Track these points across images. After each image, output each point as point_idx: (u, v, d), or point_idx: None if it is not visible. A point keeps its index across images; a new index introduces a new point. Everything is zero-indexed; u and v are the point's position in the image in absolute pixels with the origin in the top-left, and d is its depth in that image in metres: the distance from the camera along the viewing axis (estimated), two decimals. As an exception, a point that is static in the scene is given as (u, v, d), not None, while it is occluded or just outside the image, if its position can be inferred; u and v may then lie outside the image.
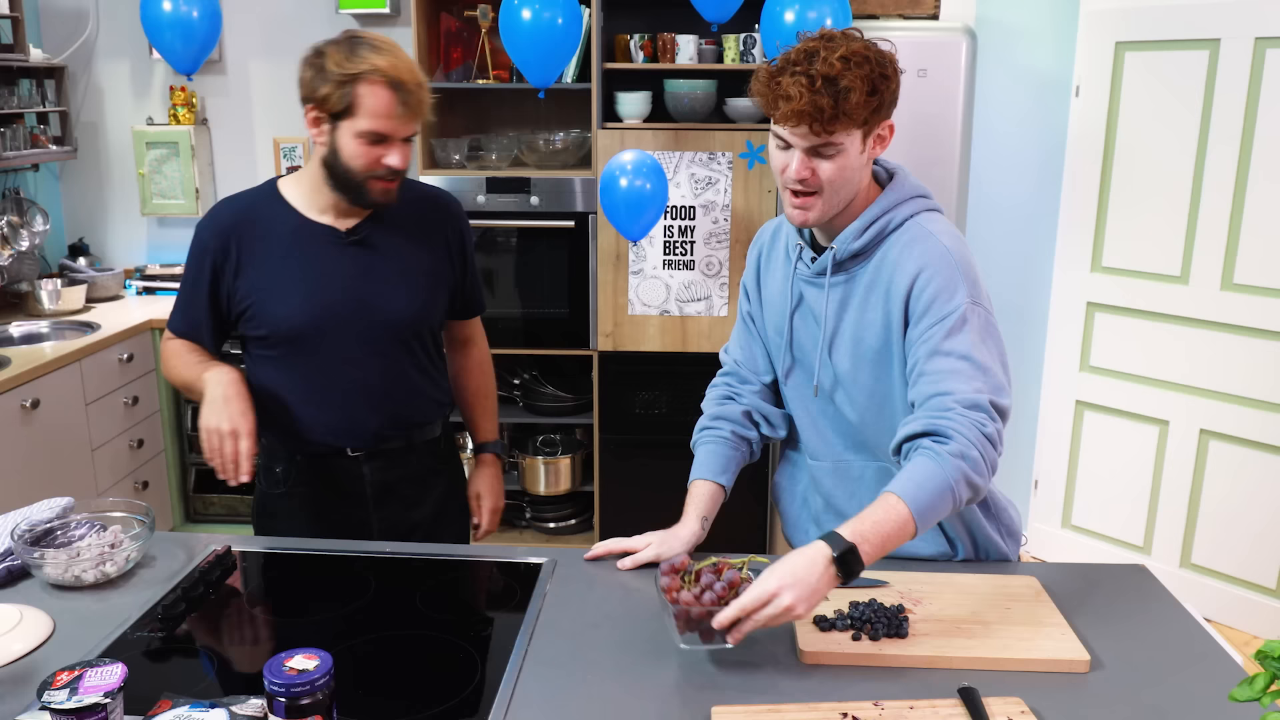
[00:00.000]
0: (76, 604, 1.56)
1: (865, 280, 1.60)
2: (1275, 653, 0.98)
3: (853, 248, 1.59)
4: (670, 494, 2.78)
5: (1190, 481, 3.45)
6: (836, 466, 1.74)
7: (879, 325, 1.59)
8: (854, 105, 1.46)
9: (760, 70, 1.52)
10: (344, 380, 1.89)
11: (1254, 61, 3.12)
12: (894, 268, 1.57)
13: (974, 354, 1.49)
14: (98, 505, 1.76)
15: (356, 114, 1.72)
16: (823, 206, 1.55)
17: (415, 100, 1.74)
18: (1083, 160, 3.60)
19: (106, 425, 3.43)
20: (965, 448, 1.42)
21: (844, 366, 1.64)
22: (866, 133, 1.52)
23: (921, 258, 1.54)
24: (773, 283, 1.76)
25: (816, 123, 1.46)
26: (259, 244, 1.85)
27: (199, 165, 4.01)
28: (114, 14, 4.01)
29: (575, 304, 3.61)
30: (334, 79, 1.70)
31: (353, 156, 1.75)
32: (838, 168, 1.51)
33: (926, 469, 1.42)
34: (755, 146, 3.43)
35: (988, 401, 1.46)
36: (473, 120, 3.90)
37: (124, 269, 4.12)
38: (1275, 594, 3.30)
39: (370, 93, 1.70)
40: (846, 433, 1.71)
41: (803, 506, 1.86)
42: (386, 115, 1.72)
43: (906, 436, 1.48)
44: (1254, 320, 3.23)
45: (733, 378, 1.85)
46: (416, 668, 1.43)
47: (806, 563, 1.36)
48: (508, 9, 2.85)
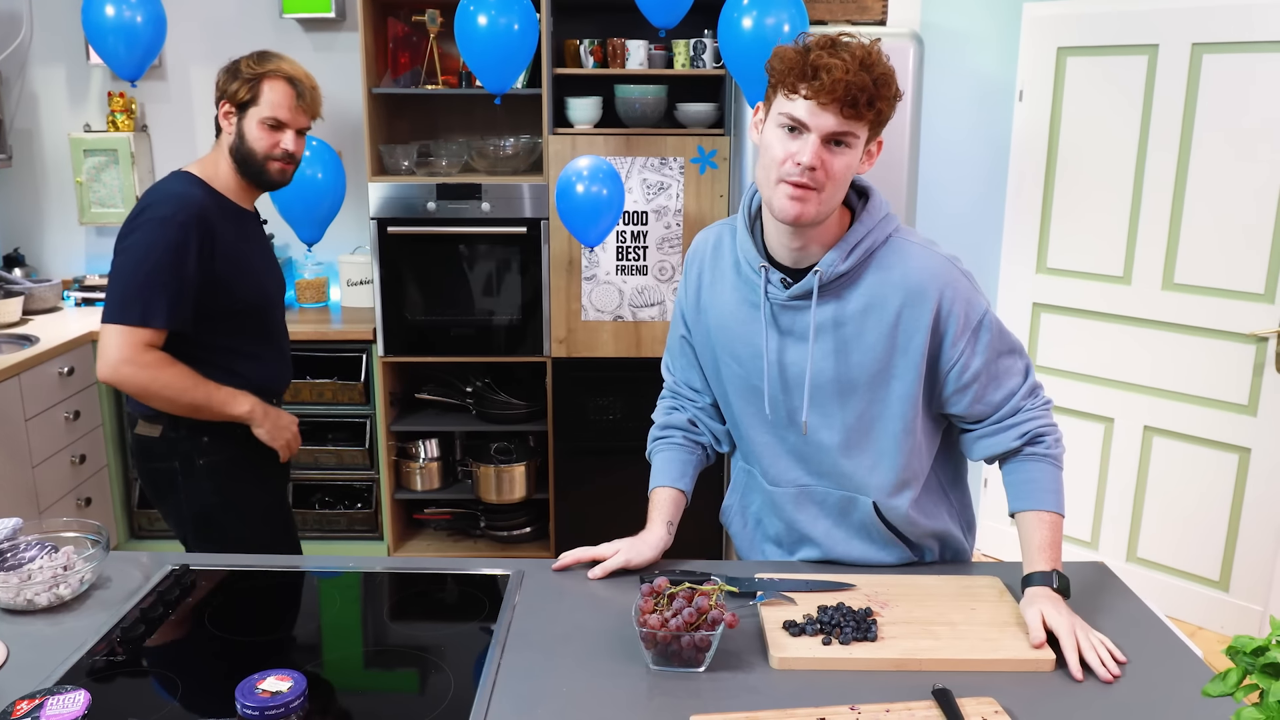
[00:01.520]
0: (29, 628, 1.51)
1: (858, 302, 1.56)
2: (1246, 648, 1.00)
3: (840, 269, 1.54)
4: (626, 500, 2.77)
5: (1135, 477, 3.53)
6: (801, 492, 1.71)
7: (880, 348, 1.57)
8: (887, 97, 1.44)
9: (782, 51, 1.46)
10: (281, 337, 2.36)
11: (1191, 66, 3.20)
12: (901, 288, 1.55)
13: (1011, 344, 1.65)
14: (49, 525, 1.70)
15: (260, 104, 2.14)
16: (819, 205, 1.47)
17: (309, 97, 2.18)
18: (1027, 163, 3.67)
19: (47, 441, 3.33)
20: (1052, 431, 1.65)
21: (830, 392, 1.60)
22: (869, 139, 1.49)
23: (935, 278, 1.55)
24: (721, 304, 1.67)
25: (850, 105, 1.41)
26: (219, 225, 2.12)
27: (139, 173, 3.92)
28: (49, 18, 3.90)
29: (528, 310, 3.59)
30: (244, 77, 2.13)
31: (255, 140, 2.15)
32: (845, 165, 1.46)
33: (1048, 472, 1.63)
34: (707, 151, 3.44)
35: (1034, 378, 1.66)
36: (421, 126, 3.86)
37: (62, 280, 4.01)
38: (1218, 586, 3.39)
39: (272, 87, 2.14)
40: (816, 461, 1.67)
41: (756, 528, 1.84)
42: (284, 105, 2.15)
43: (1007, 452, 1.65)
44: (1194, 319, 3.31)
45: (677, 396, 1.86)
46: (387, 684, 1.41)
47: (1059, 604, 1.51)
48: (463, 15, 2.81)
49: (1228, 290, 3.23)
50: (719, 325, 1.68)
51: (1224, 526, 3.35)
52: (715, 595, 1.43)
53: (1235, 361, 3.24)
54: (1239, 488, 3.30)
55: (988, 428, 1.65)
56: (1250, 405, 3.23)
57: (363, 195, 3.66)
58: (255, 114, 2.14)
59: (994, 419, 1.65)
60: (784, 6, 2.66)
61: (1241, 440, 3.26)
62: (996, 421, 1.65)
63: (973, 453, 1.69)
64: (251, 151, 2.16)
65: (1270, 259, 3.13)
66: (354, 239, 4.00)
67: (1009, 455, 1.66)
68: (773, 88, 1.48)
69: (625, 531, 1.73)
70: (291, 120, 2.17)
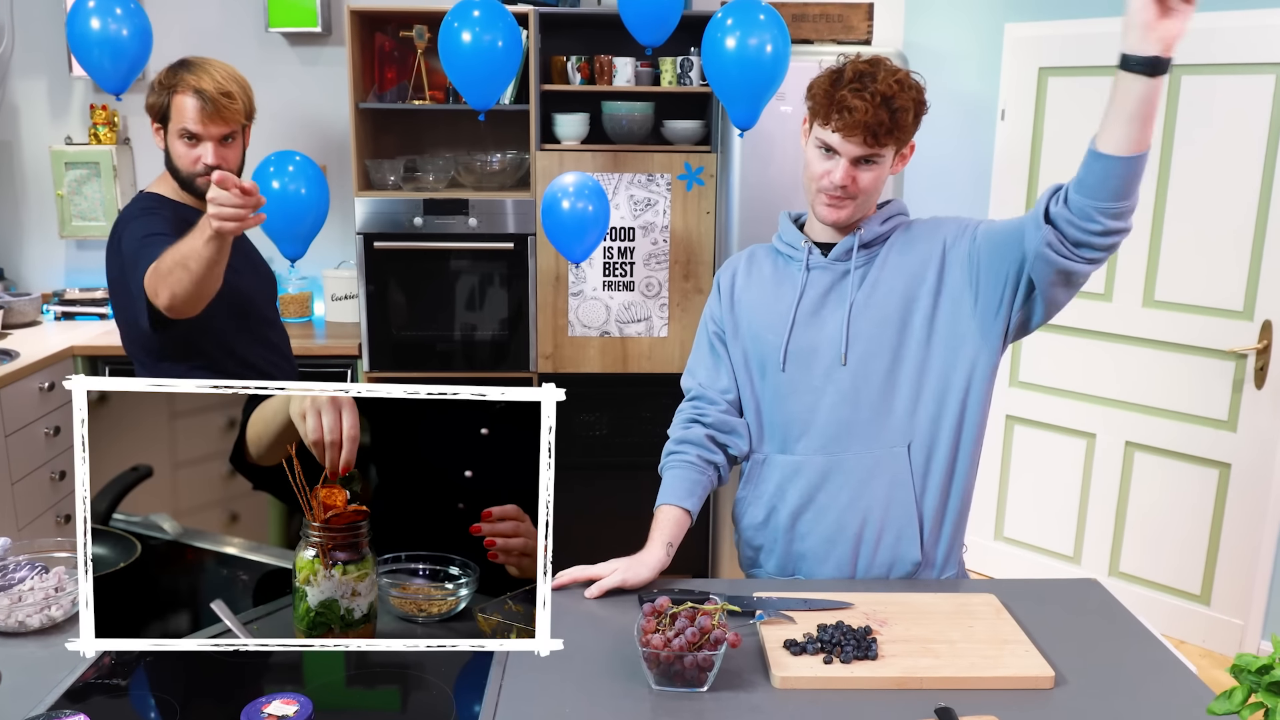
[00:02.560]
0: (21, 651, 1.49)
1: (883, 259, 1.77)
2: (1251, 666, 1.01)
3: (877, 230, 1.77)
4: (613, 516, 2.77)
5: (1117, 492, 3.57)
6: (826, 460, 1.77)
7: (900, 292, 1.74)
8: (905, 125, 1.68)
9: (818, 82, 1.70)
10: (273, 336, 2.39)
11: (1170, 87, 3.25)
12: (909, 236, 1.77)
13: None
14: (39, 545, 1.68)
15: (173, 117, 2.13)
16: (854, 209, 1.73)
17: (218, 106, 2.10)
18: (1009, 181, 3.70)
19: (26, 458, 3.29)
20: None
21: (867, 333, 1.74)
22: (898, 149, 1.71)
23: (939, 225, 1.78)
24: (759, 294, 1.84)
25: (872, 136, 1.65)
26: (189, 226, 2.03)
27: (121, 186, 3.88)
28: (30, 29, 3.87)
29: (514, 326, 3.59)
30: (157, 91, 2.15)
31: (178, 156, 2.15)
32: (874, 177, 1.71)
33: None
34: (694, 168, 3.46)
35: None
36: (408, 141, 3.86)
37: (41, 294, 3.97)
38: (1200, 600, 3.42)
39: (179, 100, 2.12)
40: (849, 417, 1.75)
41: (770, 515, 1.84)
42: (193, 118, 2.11)
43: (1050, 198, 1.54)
44: (1174, 335, 3.35)
45: (699, 400, 1.86)
46: (388, 704, 1.40)
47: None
48: (447, 31, 2.82)
49: (1207, 307, 3.27)
50: (754, 310, 1.83)
51: (1205, 541, 3.38)
52: (717, 615, 1.43)
53: (1215, 377, 3.28)
54: (1219, 502, 3.33)
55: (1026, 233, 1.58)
56: (1230, 421, 3.27)
57: (349, 210, 3.65)
58: (173, 129, 2.14)
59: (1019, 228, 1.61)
60: (766, 28, 2.68)
61: (1222, 455, 3.30)
62: (1020, 229, 1.60)
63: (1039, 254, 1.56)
64: (177, 168, 2.17)
65: (1249, 276, 3.18)
66: (339, 253, 3.98)
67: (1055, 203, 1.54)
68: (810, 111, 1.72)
69: (613, 547, 1.73)
70: (205, 132, 2.12)
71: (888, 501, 1.76)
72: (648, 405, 3.63)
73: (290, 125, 3.92)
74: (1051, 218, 1.53)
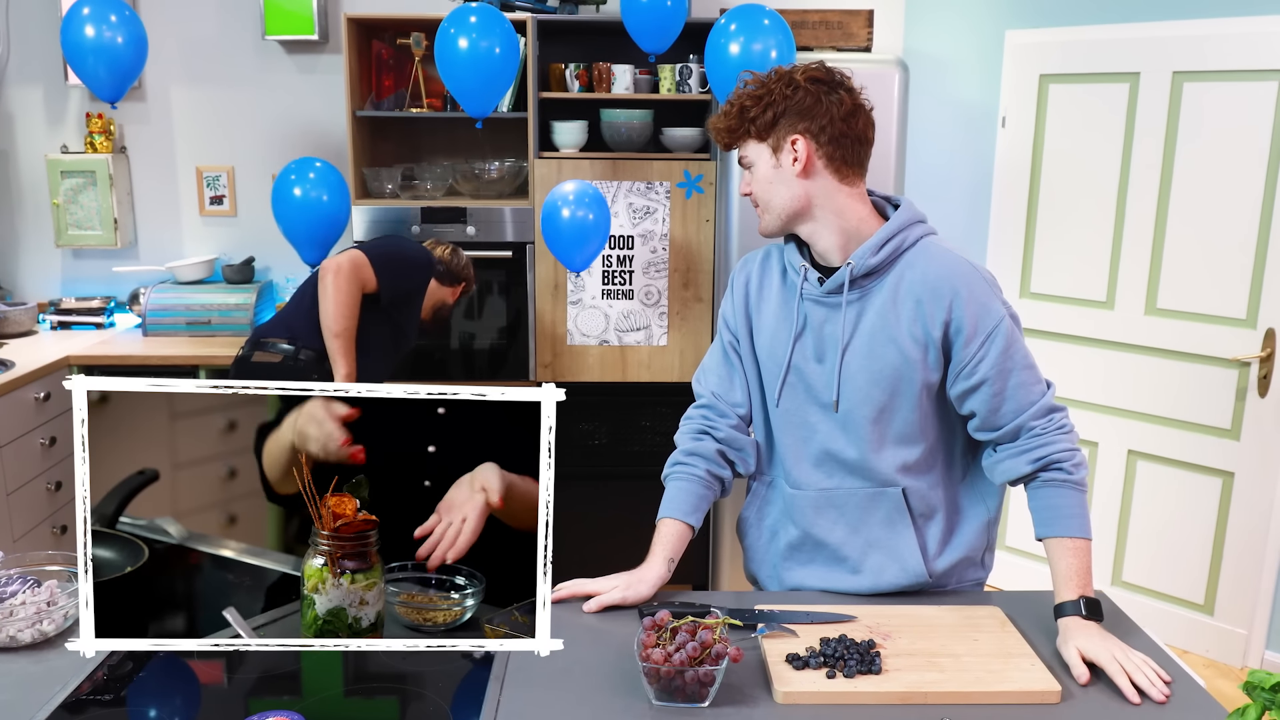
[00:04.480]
0: (12, 666, 1.46)
1: (883, 296, 1.66)
2: (1265, 684, 0.99)
3: (870, 263, 1.64)
4: (613, 525, 2.75)
5: (1120, 501, 3.55)
6: (820, 494, 1.74)
7: (901, 338, 1.64)
8: (755, 116, 1.64)
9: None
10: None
11: (1172, 94, 3.23)
12: (920, 284, 1.64)
13: (1029, 361, 1.67)
14: (31, 559, 1.66)
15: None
16: (765, 217, 1.70)
17: None
18: (1010, 189, 3.69)
19: (22, 468, 3.27)
20: (1070, 455, 1.63)
21: (859, 381, 1.67)
22: (772, 147, 1.65)
23: (952, 278, 1.64)
24: (768, 309, 1.77)
25: (728, 133, 1.68)
26: None
27: (118, 195, 3.87)
28: (25, 37, 3.86)
29: (513, 335, 3.57)
30: None
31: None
32: (759, 178, 1.68)
33: (1068, 497, 1.63)
34: (693, 176, 3.44)
35: (1051, 397, 1.67)
36: (405, 149, 3.84)
37: (37, 303, 3.95)
38: (1203, 609, 3.39)
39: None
40: (842, 454, 1.71)
41: (771, 540, 1.84)
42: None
43: (1025, 475, 1.65)
44: (1177, 344, 3.34)
45: (710, 410, 1.83)
46: (385, 716, 1.38)
47: (1092, 631, 1.52)
48: (444, 38, 2.80)
49: (1210, 315, 3.25)
50: (764, 328, 1.77)
51: (1208, 550, 3.36)
52: (719, 629, 1.41)
53: (1219, 386, 3.26)
54: (1223, 511, 3.31)
55: (1004, 450, 1.67)
56: (1234, 429, 3.25)
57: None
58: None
59: (1009, 439, 1.66)
60: (771, 33, 2.68)
61: (1225, 464, 3.28)
62: (1011, 441, 1.66)
63: (993, 475, 1.71)
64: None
65: (1251, 284, 3.16)
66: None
67: (1027, 479, 1.66)
68: None
69: (611, 554, 1.72)
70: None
71: (888, 532, 1.73)
72: (647, 414, 3.61)
73: (287, 133, 3.91)
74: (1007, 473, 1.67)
